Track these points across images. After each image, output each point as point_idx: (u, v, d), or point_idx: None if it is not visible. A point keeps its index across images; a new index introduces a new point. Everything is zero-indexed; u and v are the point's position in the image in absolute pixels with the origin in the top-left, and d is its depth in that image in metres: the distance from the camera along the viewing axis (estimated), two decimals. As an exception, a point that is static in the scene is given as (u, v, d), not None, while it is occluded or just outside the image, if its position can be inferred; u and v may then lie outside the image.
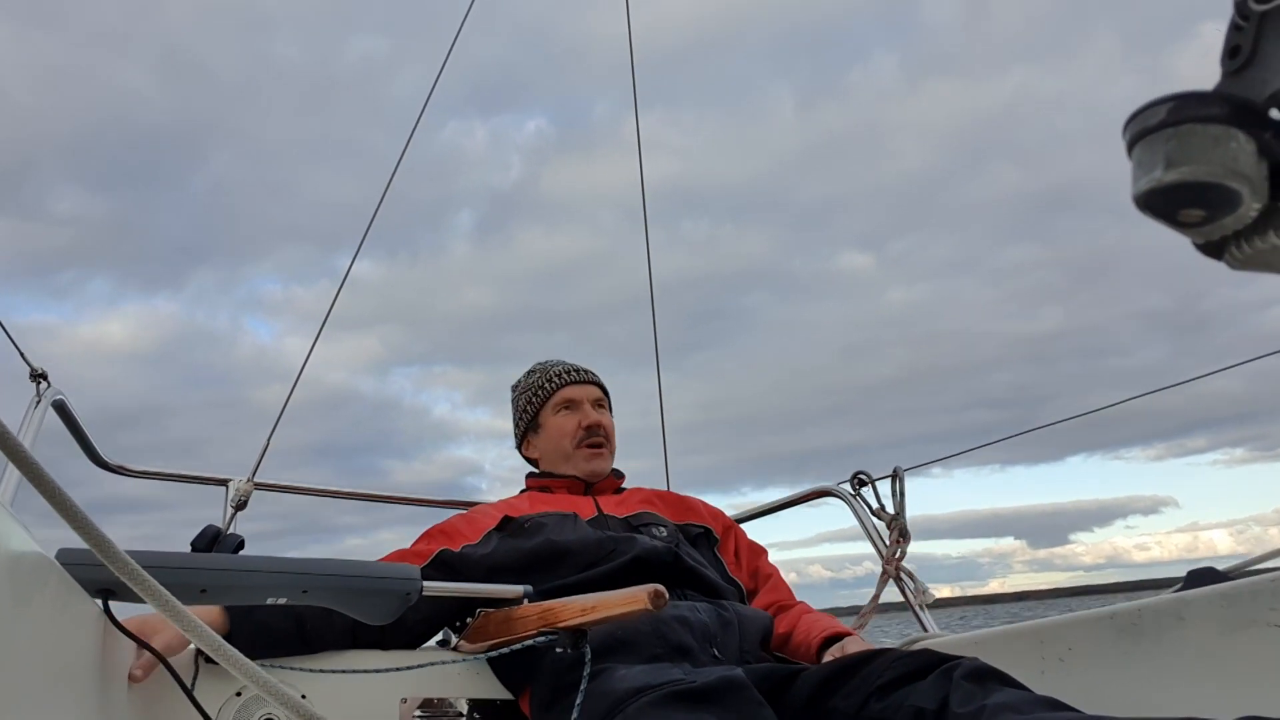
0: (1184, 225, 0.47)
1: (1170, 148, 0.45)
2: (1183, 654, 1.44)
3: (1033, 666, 1.62)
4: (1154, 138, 0.45)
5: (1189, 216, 0.47)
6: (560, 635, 1.45)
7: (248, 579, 1.26)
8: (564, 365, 2.34)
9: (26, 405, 2.19)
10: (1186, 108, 0.45)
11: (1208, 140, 0.44)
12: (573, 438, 2.21)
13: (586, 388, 2.29)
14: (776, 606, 2.08)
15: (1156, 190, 0.45)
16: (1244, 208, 0.45)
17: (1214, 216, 0.46)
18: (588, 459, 2.20)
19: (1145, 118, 0.46)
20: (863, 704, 1.35)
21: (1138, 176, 0.46)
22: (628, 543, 1.86)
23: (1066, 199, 60.66)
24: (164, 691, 1.35)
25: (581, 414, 2.23)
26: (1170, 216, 0.47)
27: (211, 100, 52.53)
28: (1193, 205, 0.46)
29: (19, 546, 0.85)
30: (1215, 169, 0.44)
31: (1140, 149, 0.46)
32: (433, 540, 1.94)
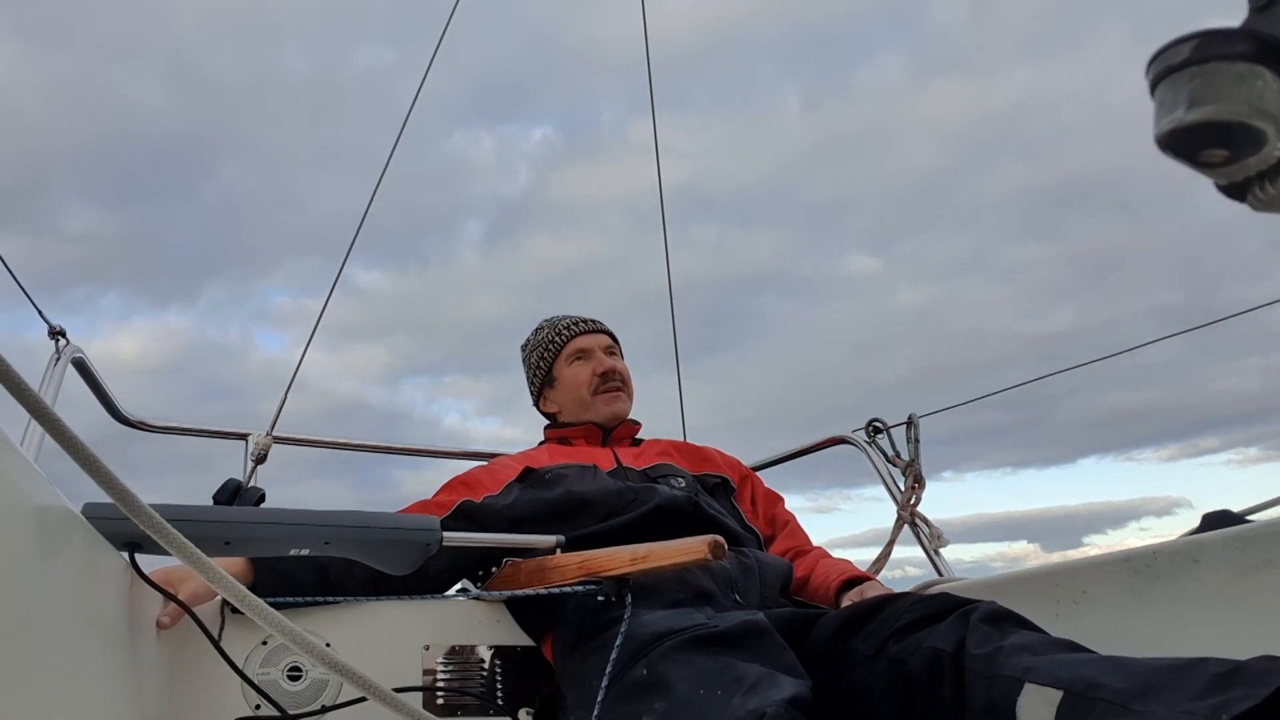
0: (1207, 166, 0.47)
1: (1194, 86, 0.44)
2: (1198, 596, 1.44)
3: (1048, 609, 1.63)
4: (1177, 76, 0.44)
5: (1212, 157, 0.46)
6: (604, 584, 1.46)
7: (270, 531, 1.27)
8: (571, 317, 2.36)
9: (46, 362, 2.20)
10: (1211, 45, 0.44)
11: (1233, 78, 0.43)
12: (589, 385, 2.23)
13: (597, 336, 2.30)
14: (794, 552, 2.09)
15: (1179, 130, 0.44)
16: (1269, 148, 0.44)
17: (1238, 157, 0.45)
18: (608, 403, 2.22)
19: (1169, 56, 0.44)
20: (881, 646, 1.36)
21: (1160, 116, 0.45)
22: (647, 493, 1.87)
23: (1076, 195, 58.03)
24: (191, 642, 1.37)
25: (595, 361, 2.25)
26: (1193, 157, 0.46)
27: (220, 112, 51.42)
28: (1216, 145, 0.45)
29: (46, 501, 0.86)
30: (1240, 108, 0.43)
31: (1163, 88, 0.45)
32: (454, 491, 1.96)
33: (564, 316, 2.38)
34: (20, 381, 0.67)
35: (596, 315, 2.41)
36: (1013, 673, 1.14)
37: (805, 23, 8.36)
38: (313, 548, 1.30)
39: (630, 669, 1.33)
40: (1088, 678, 1.05)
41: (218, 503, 1.47)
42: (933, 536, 2.36)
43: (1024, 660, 1.14)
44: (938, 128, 13.33)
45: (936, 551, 2.34)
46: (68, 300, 10.24)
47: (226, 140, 9.71)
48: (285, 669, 1.57)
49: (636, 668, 1.33)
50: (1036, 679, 1.10)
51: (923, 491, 2.42)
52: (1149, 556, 1.52)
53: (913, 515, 2.39)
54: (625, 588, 1.46)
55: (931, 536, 2.36)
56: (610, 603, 1.48)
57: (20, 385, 0.67)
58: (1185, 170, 0.46)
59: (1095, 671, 1.06)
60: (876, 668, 1.35)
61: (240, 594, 0.84)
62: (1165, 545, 1.52)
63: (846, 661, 1.41)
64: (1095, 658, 1.13)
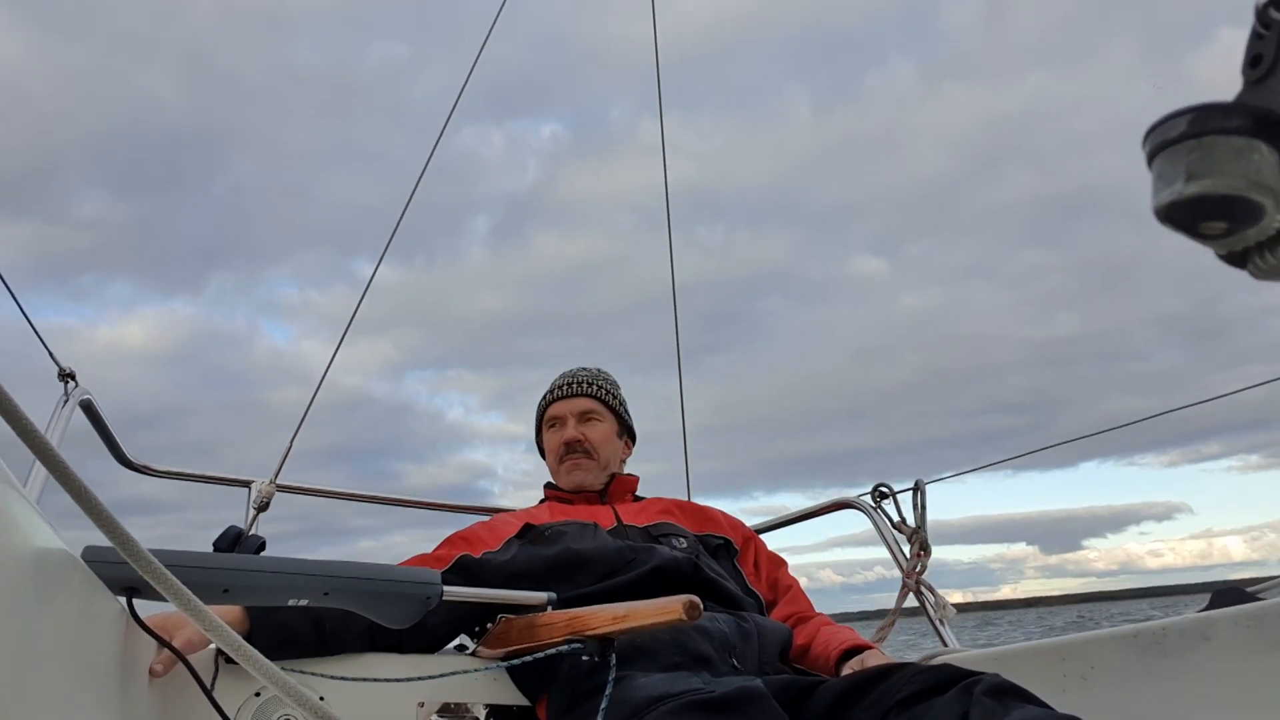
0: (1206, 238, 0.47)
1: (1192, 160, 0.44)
2: (1208, 675, 1.42)
3: (1054, 684, 1.61)
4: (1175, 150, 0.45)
5: (1211, 229, 0.46)
6: (588, 643, 1.45)
7: (270, 580, 1.27)
8: (558, 380, 2.40)
9: (54, 404, 2.22)
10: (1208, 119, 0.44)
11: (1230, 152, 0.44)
12: (556, 455, 2.27)
13: (571, 402, 2.32)
14: (796, 618, 2.07)
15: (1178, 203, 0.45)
16: (1267, 219, 0.45)
17: (1237, 229, 0.46)
18: (568, 471, 2.25)
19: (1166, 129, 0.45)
20: (882, 718, 1.34)
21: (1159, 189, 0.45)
22: (647, 552, 1.86)
23: (1083, 204, 59.53)
24: (184, 690, 1.36)
25: (562, 431, 2.27)
26: (1192, 229, 0.46)
27: (232, 105, 52.54)
28: (1215, 218, 0.45)
29: (45, 544, 0.86)
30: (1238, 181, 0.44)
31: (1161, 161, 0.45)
32: (454, 546, 1.95)
33: (559, 375, 2.40)
34: (28, 423, 0.67)
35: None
36: None
37: (817, 27, 8.53)
38: (312, 598, 1.29)
39: None
40: None
41: (218, 550, 1.46)
42: (938, 606, 2.33)
43: None
44: (947, 134, 13.49)
45: (941, 621, 2.31)
46: (76, 287, 10.26)
47: (238, 133, 9.87)
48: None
49: None
50: None
51: (928, 559, 2.40)
52: (1158, 633, 1.50)
53: (918, 583, 2.37)
54: (610, 648, 1.44)
55: (937, 606, 2.33)
56: (605, 664, 1.46)
57: (28, 427, 0.67)
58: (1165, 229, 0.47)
59: None
60: None
61: (235, 643, 0.83)
62: (1175, 622, 1.50)
63: None
64: None
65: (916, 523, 2.45)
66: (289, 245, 64.42)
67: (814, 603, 2.15)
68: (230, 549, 1.45)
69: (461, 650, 1.89)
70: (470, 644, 1.89)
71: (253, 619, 1.54)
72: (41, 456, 0.70)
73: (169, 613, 1.36)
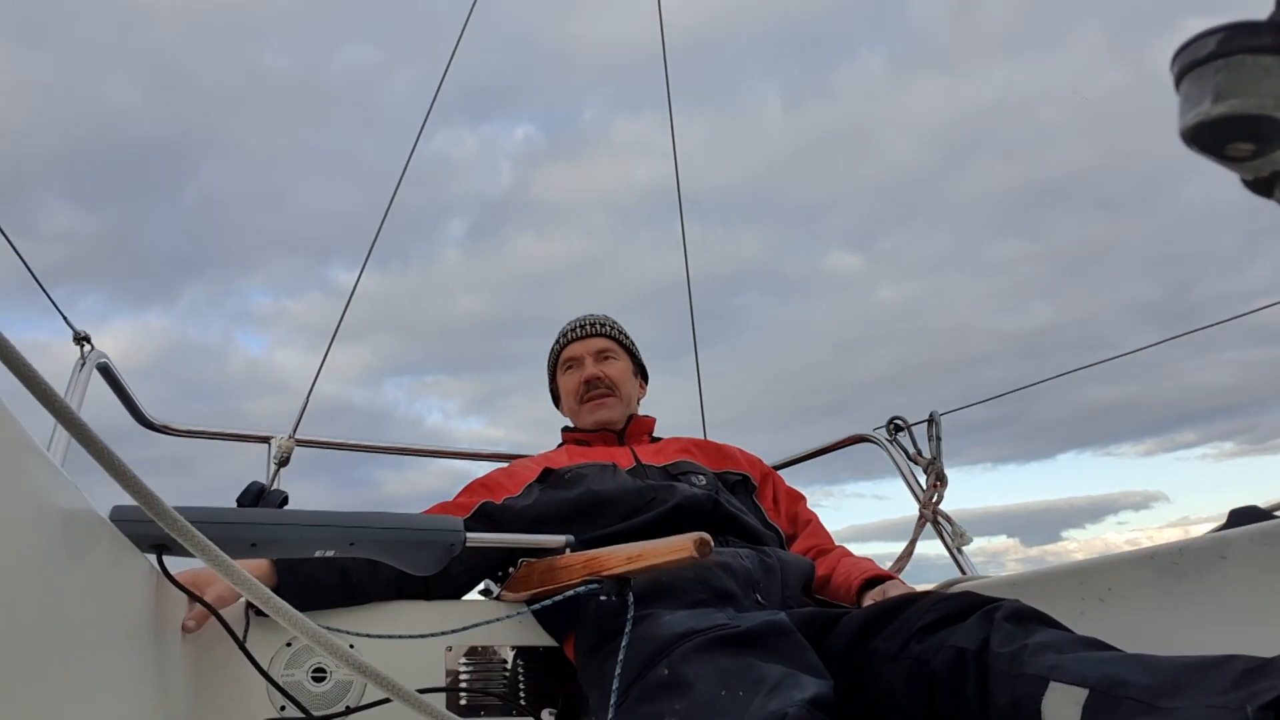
0: (1233, 160, 0.46)
1: (1219, 79, 0.43)
2: (1225, 593, 1.43)
3: (1073, 607, 1.62)
4: (1203, 70, 0.43)
5: (1238, 150, 0.45)
6: (604, 583, 1.46)
7: (295, 533, 1.28)
8: (570, 324, 2.41)
9: (72, 368, 2.22)
10: (1237, 38, 0.43)
11: (1259, 71, 0.42)
12: (576, 395, 2.28)
13: (587, 342, 2.33)
14: (816, 550, 2.09)
15: (1205, 124, 0.44)
16: None
17: (1264, 150, 0.45)
18: (591, 411, 2.26)
19: (1194, 49, 0.44)
20: (904, 645, 1.35)
21: (1185, 110, 0.44)
22: (668, 491, 1.87)
23: (1054, 193, 56.83)
24: (217, 643, 1.38)
25: (581, 370, 2.29)
26: (1218, 151, 0.45)
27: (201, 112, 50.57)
28: (1243, 139, 0.44)
29: (72, 505, 0.86)
30: (1266, 101, 0.42)
31: (1188, 82, 0.44)
32: (474, 493, 1.97)
33: (569, 322, 2.41)
34: (47, 388, 0.67)
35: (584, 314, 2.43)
36: (1037, 671, 1.13)
37: (787, 21, 8.35)
38: (338, 549, 1.31)
39: (651, 669, 1.33)
40: (1113, 676, 1.04)
41: (241, 505, 1.48)
42: (955, 535, 2.34)
43: (1049, 659, 1.13)
44: (918, 126, 13.31)
45: (959, 549, 2.33)
46: (47, 302, 10.28)
47: (207, 140, 9.77)
48: (310, 670, 1.58)
49: (658, 668, 1.32)
50: (1062, 678, 1.09)
51: (945, 489, 2.41)
52: (1175, 553, 1.50)
53: (935, 514, 2.38)
54: (627, 587, 1.46)
55: (954, 535, 2.34)
56: (624, 603, 1.48)
57: (47, 391, 0.67)
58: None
59: (1121, 669, 1.05)
60: (899, 667, 1.34)
61: (264, 596, 0.84)
62: (1192, 541, 1.50)
63: (869, 661, 1.40)
64: (1121, 656, 1.12)
65: (932, 454, 2.45)
66: (262, 253, 61.76)
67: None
68: (254, 504, 1.46)
69: (487, 595, 1.92)
70: (495, 588, 1.91)
71: (280, 572, 1.56)
72: (63, 420, 0.70)
73: (198, 569, 1.38)
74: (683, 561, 1.37)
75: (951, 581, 1.99)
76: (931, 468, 2.43)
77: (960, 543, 2.34)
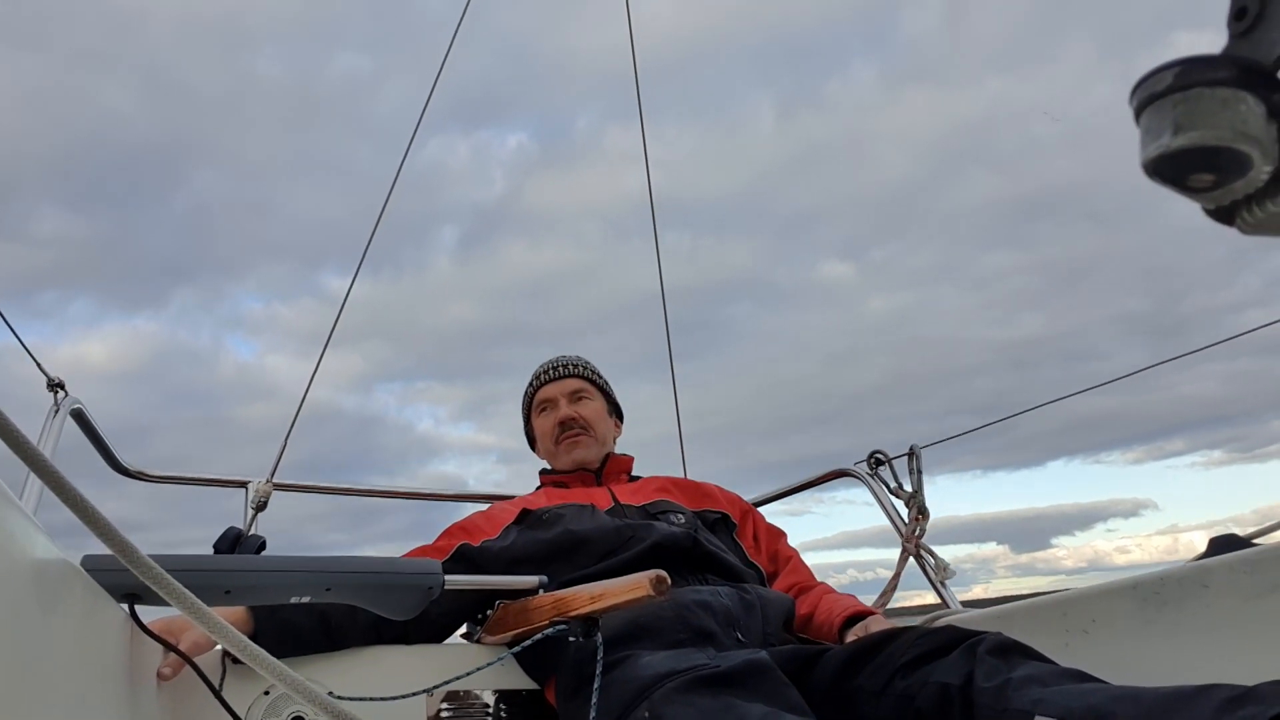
0: (1194, 191, 0.47)
1: (1178, 112, 0.44)
2: (1207, 622, 1.43)
3: (1056, 639, 1.62)
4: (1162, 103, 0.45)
5: (1199, 181, 0.46)
6: (572, 624, 1.45)
7: (271, 579, 1.26)
8: (542, 365, 2.44)
9: (45, 415, 2.20)
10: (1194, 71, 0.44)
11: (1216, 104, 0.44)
12: (552, 436, 2.28)
13: (561, 384, 2.35)
14: (797, 588, 2.08)
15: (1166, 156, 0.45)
16: (1255, 171, 0.45)
17: (1224, 181, 0.46)
18: (567, 450, 2.26)
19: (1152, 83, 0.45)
20: (887, 682, 1.35)
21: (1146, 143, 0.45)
22: (646, 529, 1.87)
23: (1044, 205, 59.07)
24: (192, 692, 1.36)
25: (556, 411, 2.30)
26: (1180, 182, 0.46)
27: (193, 119, 50.26)
28: (1203, 170, 0.45)
29: (44, 554, 0.85)
30: (1224, 132, 0.44)
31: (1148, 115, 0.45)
32: (453, 536, 1.96)
33: (541, 364, 2.43)
34: (19, 435, 0.67)
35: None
36: (1022, 705, 1.13)
37: (781, 33, 8.52)
38: (314, 595, 1.29)
39: (631, 712, 1.32)
40: (1098, 708, 1.04)
41: (218, 551, 1.46)
42: (938, 568, 2.34)
43: (1033, 692, 1.13)
44: (910, 138, 13.54)
45: (943, 583, 2.32)
46: (37, 305, 10.21)
47: (199, 147, 9.83)
48: (288, 719, 1.55)
49: (638, 710, 1.31)
50: (1046, 711, 1.09)
51: (927, 523, 2.41)
52: (1157, 583, 1.51)
53: (918, 547, 2.38)
54: (595, 627, 1.45)
55: (937, 568, 2.34)
56: (611, 645, 1.46)
57: (19, 439, 0.67)
58: (1153, 182, 0.47)
59: (1106, 702, 1.05)
60: (884, 705, 1.34)
61: (241, 643, 0.83)
62: (1173, 571, 1.51)
63: (853, 699, 1.39)
64: (1104, 688, 1.12)
65: (913, 487, 2.46)
66: (253, 259, 62.83)
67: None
68: (230, 550, 1.44)
69: (468, 638, 1.90)
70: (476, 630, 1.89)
71: (257, 618, 1.54)
72: (35, 468, 0.69)
73: (174, 616, 1.36)
74: (640, 600, 1.36)
75: (935, 615, 1.99)
76: (913, 501, 2.44)
77: (943, 576, 2.34)
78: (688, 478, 2.40)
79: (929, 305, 21.84)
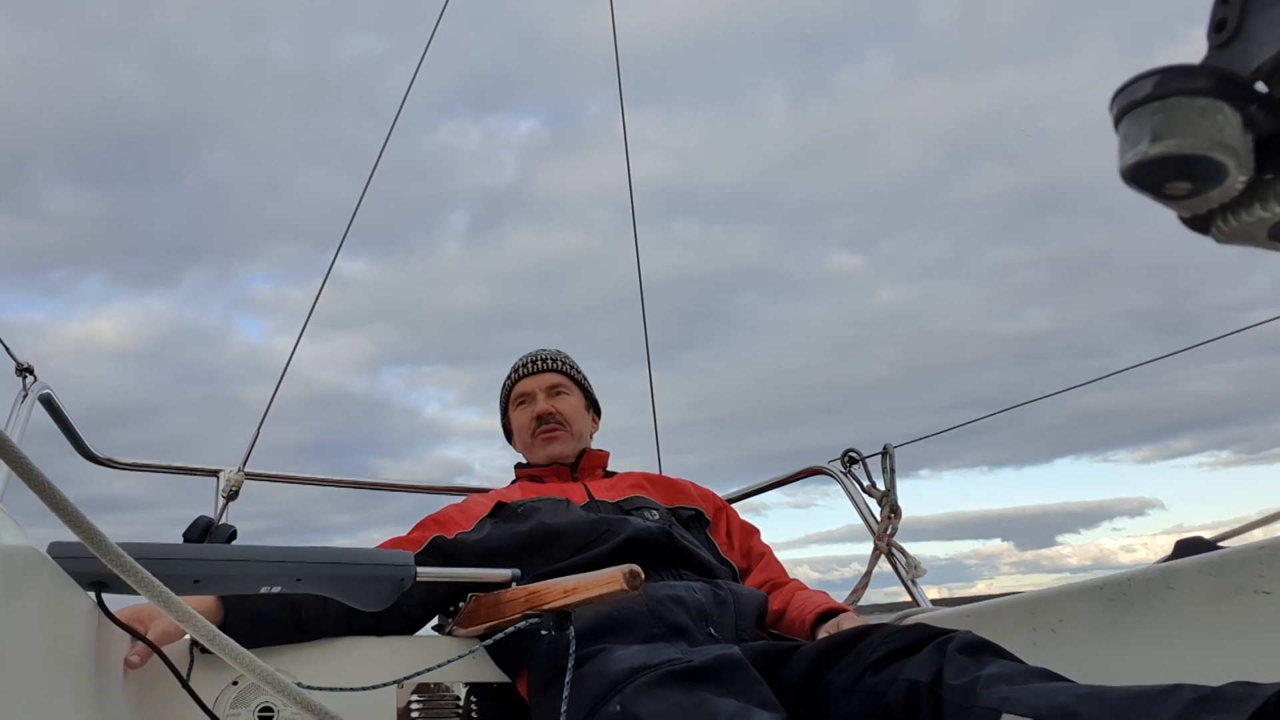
0: (1170, 198, 0.47)
1: (1157, 120, 0.44)
2: (1173, 622, 1.45)
3: (1025, 638, 1.64)
4: (1140, 111, 0.45)
5: (1175, 189, 0.47)
6: (544, 618, 1.45)
7: (241, 568, 1.26)
8: (521, 359, 2.42)
9: (13, 400, 2.17)
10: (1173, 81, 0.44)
11: (1194, 113, 0.44)
12: (529, 430, 2.27)
13: (538, 378, 2.34)
14: (770, 584, 2.09)
15: (1143, 163, 0.45)
16: (1230, 180, 0.45)
17: (1200, 189, 0.46)
18: (543, 444, 2.26)
19: (1132, 91, 0.45)
20: (858, 679, 1.36)
21: (1124, 150, 0.46)
22: (620, 524, 1.87)
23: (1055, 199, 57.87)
24: (160, 681, 1.35)
25: (533, 406, 2.29)
26: (1157, 189, 0.47)
27: (205, 98, 49.38)
28: (1179, 178, 0.46)
29: (10, 540, 0.84)
30: (1201, 141, 0.44)
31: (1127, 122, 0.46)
32: (427, 529, 1.95)
33: (520, 357, 2.41)
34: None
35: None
36: (990, 704, 1.14)
37: (794, 21, 8.52)
38: (284, 585, 1.28)
39: (604, 705, 1.32)
40: (1065, 707, 1.05)
41: (188, 540, 1.45)
42: (909, 567, 2.36)
43: (1001, 690, 1.14)
44: (921, 129, 13.54)
45: (914, 582, 2.34)
46: (48, 282, 10.12)
47: (211, 126, 9.76)
48: (257, 710, 1.54)
49: (610, 704, 1.31)
50: (1014, 709, 1.10)
51: (899, 522, 2.42)
52: (1124, 584, 1.53)
53: (889, 546, 2.39)
54: (568, 621, 1.45)
55: (908, 567, 2.36)
56: (584, 639, 1.46)
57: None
58: (1131, 190, 0.47)
59: (1072, 701, 1.06)
60: (854, 701, 1.35)
61: (210, 633, 0.82)
62: (1140, 572, 1.53)
63: (823, 695, 1.40)
64: (1072, 687, 1.13)
65: (886, 486, 2.47)
66: (263, 240, 61.61)
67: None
68: (201, 539, 1.43)
69: (439, 630, 1.89)
70: (447, 623, 1.89)
71: (227, 608, 1.52)
72: (2, 453, 0.68)
73: (142, 604, 1.35)
74: (614, 594, 1.36)
75: (906, 613, 2.00)
76: (885, 500, 2.45)
77: (914, 575, 2.35)
78: (662, 474, 2.40)
79: (937, 298, 22.16)
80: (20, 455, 0.70)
